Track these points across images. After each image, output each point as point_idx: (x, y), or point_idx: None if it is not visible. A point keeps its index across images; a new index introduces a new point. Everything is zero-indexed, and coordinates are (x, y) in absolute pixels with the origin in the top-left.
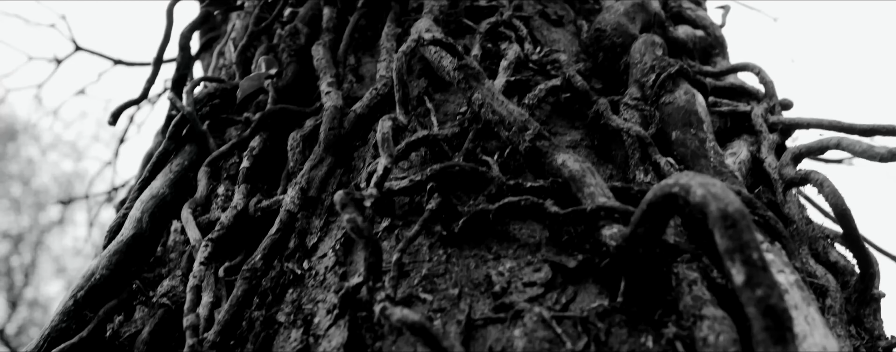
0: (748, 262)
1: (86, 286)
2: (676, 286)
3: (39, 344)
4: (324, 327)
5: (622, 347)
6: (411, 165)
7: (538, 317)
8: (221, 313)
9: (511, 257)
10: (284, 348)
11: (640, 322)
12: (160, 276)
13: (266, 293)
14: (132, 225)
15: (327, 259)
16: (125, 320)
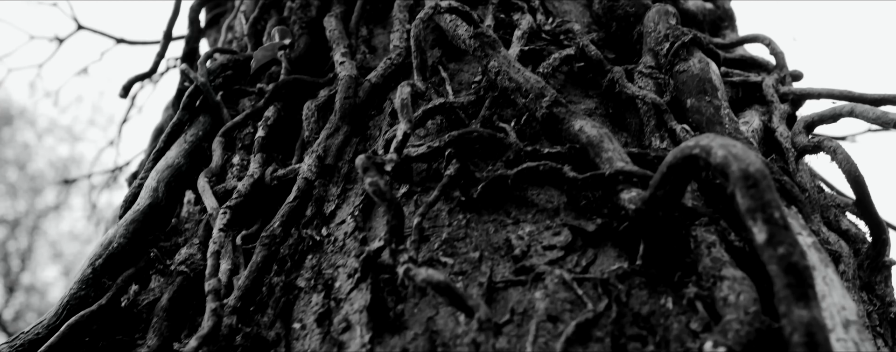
0: (770, 220)
1: (104, 255)
2: (695, 249)
3: (58, 312)
4: (345, 291)
5: (643, 308)
6: (428, 133)
7: (559, 279)
8: (241, 279)
9: (530, 222)
10: (305, 313)
11: (659, 284)
12: (176, 245)
13: (285, 260)
14: (148, 195)
15: (346, 225)
16: (141, 289)
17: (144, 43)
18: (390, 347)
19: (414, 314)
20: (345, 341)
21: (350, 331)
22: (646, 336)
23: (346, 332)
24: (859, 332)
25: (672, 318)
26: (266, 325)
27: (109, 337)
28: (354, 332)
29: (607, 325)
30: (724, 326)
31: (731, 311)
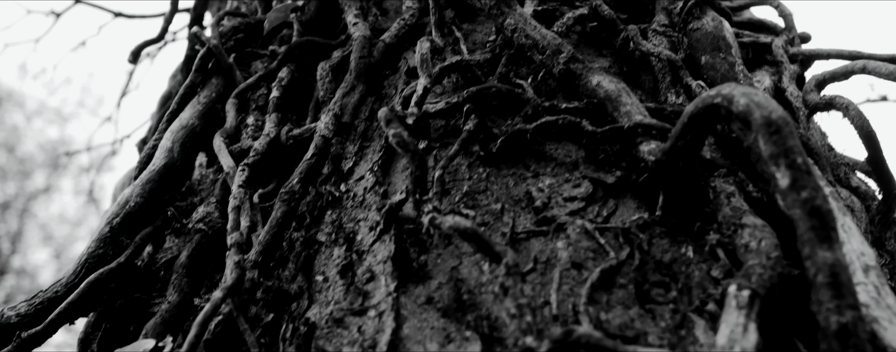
0: (793, 166)
1: (121, 213)
2: (714, 199)
3: (77, 270)
4: (367, 243)
5: (664, 256)
6: (444, 91)
7: (581, 229)
8: (262, 235)
9: (549, 175)
10: (327, 266)
11: (679, 234)
12: (192, 205)
13: (303, 216)
14: (163, 155)
15: (365, 181)
16: (155, 250)
17: (143, 16)
18: (415, 296)
19: (437, 264)
20: (369, 290)
21: (374, 281)
22: (668, 283)
23: (370, 282)
24: (878, 277)
25: (693, 266)
26: (287, 279)
27: (127, 295)
28: (379, 282)
29: (630, 272)
30: (747, 270)
31: (753, 256)
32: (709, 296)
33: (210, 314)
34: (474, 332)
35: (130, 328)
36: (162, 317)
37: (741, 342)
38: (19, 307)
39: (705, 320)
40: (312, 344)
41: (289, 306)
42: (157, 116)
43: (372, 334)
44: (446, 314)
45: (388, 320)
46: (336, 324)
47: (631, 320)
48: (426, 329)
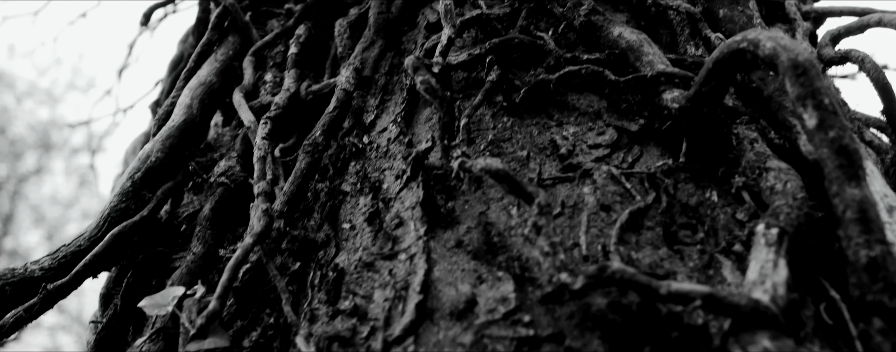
0: (820, 106)
1: (142, 168)
2: (737, 145)
3: (99, 224)
4: (394, 191)
5: (690, 199)
6: (464, 45)
7: (607, 174)
8: (286, 185)
9: (573, 124)
10: (353, 214)
11: (703, 179)
12: (212, 160)
13: (326, 168)
14: (182, 111)
15: (388, 132)
16: (176, 205)
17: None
18: (444, 240)
19: (465, 210)
20: (399, 235)
21: (403, 226)
22: (695, 225)
23: (399, 227)
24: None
25: (718, 209)
26: (313, 228)
27: (149, 249)
28: (408, 227)
29: (657, 215)
30: (775, 210)
31: (780, 197)
32: (735, 237)
33: (241, 260)
34: (506, 272)
35: (152, 283)
36: (188, 267)
37: (772, 277)
38: (42, 261)
39: (732, 261)
40: (342, 288)
41: (315, 255)
42: (169, 80)
43: (404, 276)
44: (477, 257)
45: (419, 261)
46: (366, 268)
47: (660, 259)
48: (457, 271)
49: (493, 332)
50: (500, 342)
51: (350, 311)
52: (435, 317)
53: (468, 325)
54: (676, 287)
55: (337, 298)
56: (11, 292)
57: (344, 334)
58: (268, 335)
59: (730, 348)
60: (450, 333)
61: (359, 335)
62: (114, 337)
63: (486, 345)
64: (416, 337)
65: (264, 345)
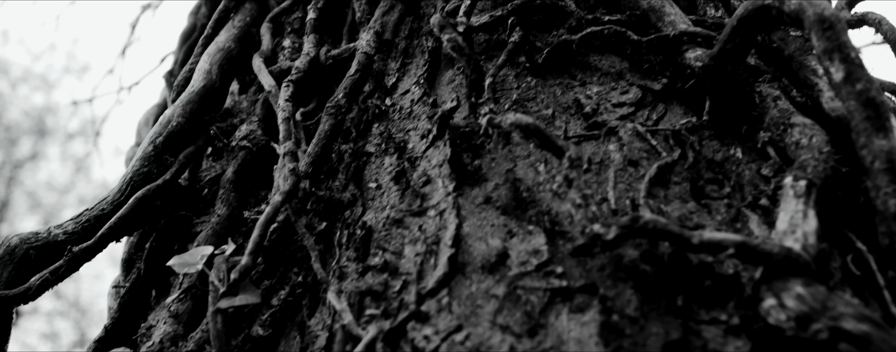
0: (847, 60)
1: (163, 133)
2: (761, 102)
3: (122, 188)
4: (420, 151)
5: (715, 155)
6: (483, 9)
7: (632, 131)
8: (310, 147)
9: (596, 83)
10: (379, 174)
11: (727, 136)
12: (233, 126)
13: (349, 131)
14: (202, 77)
15: (411, 94)
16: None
17: None
18: (472, 197)
19: (492, 168)
20: (427, 192)
21: (431, 184)
22: (721, 180)
23: (426, 185)
24: None
25: (743, 165)
26: (338, 189)
27: (172, 213)
28: (436, 184)
29: (683, 171)
30: (801, 163)
31: (805, 151)
32: (761, 192)
33: (271, 217)
34: (537, 226)
35: (175, 247)
36: (213, 229)
37: (802, 227)
38: (66, 226)
39: (758, 215)
40: (371, 246)
41: (342, 214)
42: (182, 50)
43: (434, 231)
44: (506, 212)
45: (450, 217)
46: (395, 225)
47: (689, 212)
48: (487, 226)
49: (527, 283)
50: (533, 293)
51: (380, 266)
52: (466, 270)
53: (501, 277)
54: (709, 236)
55: (366, 255)
56: (36, 255)
57: (376, 288)
58: (296, 294)
59: (762, 296)
60: (482, 285)
61: (391, 289)
62: (137, 301)
63: (520, 296)
64: (449, 289)
65: (293, 303)
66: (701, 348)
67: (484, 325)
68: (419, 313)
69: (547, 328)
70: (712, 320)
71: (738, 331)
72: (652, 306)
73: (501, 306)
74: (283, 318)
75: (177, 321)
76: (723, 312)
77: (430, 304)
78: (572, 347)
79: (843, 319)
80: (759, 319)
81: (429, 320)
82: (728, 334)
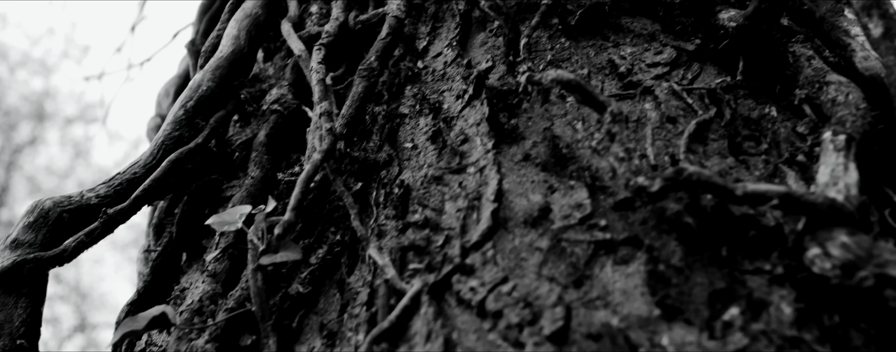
0: (885, 15)
1: (194, 97)
2: (794, 62)
3: (154, 152)
4: (455, 111)
5: (751, 113)
6: None
7: (668, 90)
8: (344, 109)
9: (629, 44)
10: (414, 134)
11: (761, 95)
12: (262, 91)
13: (381, 94)
14: (230, 42)
15: (443, 57)
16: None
17: None
18: (511, 155)
19: (529, 126)
20: (465, 150)
21: (469, 142)
22: (758, 137)
23: (464, 144)
24: None
25: (778, 123)
26: (373, 149)
27: (203, 177)
28: (474, 142)
29: (720, 128)
30: (839, 119)
31: (842, 108)
32: (797, 149)
33: (311, 174)
34: (578, 181)
35: (205, 211)
36: (247, 190)
37: (844, 179)
38: (98, 189)
39: (795, 171)
40: (410, 204)
41: (377, 174)
42: (204, 20)
43: (475, 187)
44: (545, 169)
45: (491, 173)
46: (434, 182)
47: (728, 168)
48: (527, 183)
49: (570, 236)
50: (577, 246)
51: (421, 223)
52: (509, 225)
53: (544, 231)
54: (753, 188)
55: (405, 212)
56: (69, 218)
57: (418, 243)
58: (335, 252)
59: (806, 246)
60: (525, 239)
61: (433, 244)
62: (169, 264)
63: (565, 248)
64: (493, 243)
65: (331, 261)
66: (746, 296)
67: (530, 276)
68: (464, 266)
69: (592, 280)
70: (756, 270)
71: (783, 280)
72: (696, 257)
73: (546, 259)
74: (321, 276)
75: (215, 280)
76: (766, 262)
77: (474, 257)
78: (618, 297)
79: (888, 266)
80: (802, 268)
81: (474, 272)
82: (772, 283)
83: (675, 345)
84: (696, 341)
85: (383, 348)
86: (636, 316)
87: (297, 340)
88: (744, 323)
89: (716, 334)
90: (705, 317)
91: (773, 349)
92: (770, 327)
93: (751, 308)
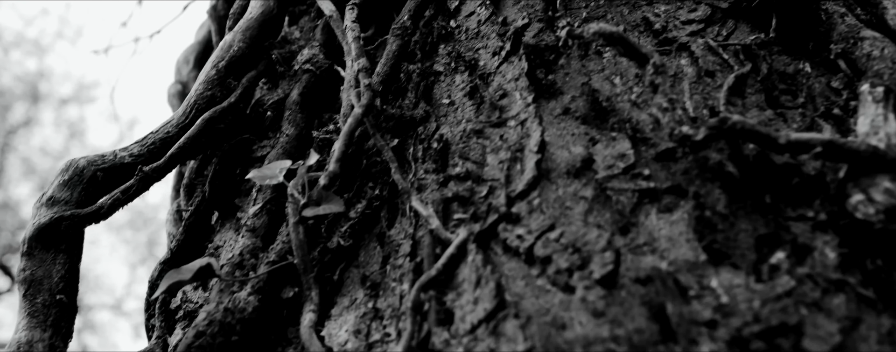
0: None
1: (225, 57)
2: (827, 19)
3: (187, 111)
4: (492, 67)
5: (787, 68)
6: None
7: (704, 46)
8: (379, 67)
9: (664, 2)
10: (451, 91)
11: (794, 52)
12: (291, 52)
13: (414, 52)
14: (259, 4)
15: (477, 15)
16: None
17: None
18: (550, 109)
19: (566, 82)
20: (505, 105)
21: (508, 97)
22: (795, 90)
23: (503, 98)
24: None
25: (813, 79)
26: (408, 107)
27: (235, 137)
28: (513, 97)
29: (756, 83)
30: (876, 72)
31: (878, 62)
32: (833, 103)
33: (354, 127)
34: (620, 133)
35: (237, 171)
36: (282, 147)
37: (884, 128)
38: (131, 148)
39: (831, 125)
40: (449, 157)
41: (414, 131)
42: None
43: (516, 139)
44: (585, 122)
45: (532, 125)
46: (474, 136)
47: (767, 120)
48: (567, 135)
49: (615, 185)
50: (622, 194)
51: (463, 175)
52: (551, 176)
53: (587, 180)
54: (796, 136)
55: (444, 166)
56: (103, 177)
57: (462, 194)
58: (374, 206)
59: (849, 193)
60: (569, 189)
61: (477, 195)
62: (200, 224)
63: (610, 196)
64: (538, 191)
65: (371, 215)
66: (791, 241)
67: (576, 224)
68: (510, 215)
69: (638, 227)
70: (799, 217)
71: (826, 226)
72: (739, 205)
73: (591, 207)
74: (361, 230)
75: (254, 235)
76: (809, 209)
77: (520, 206)
78: (664, 244)
79: None
80: (845, 215)
81: (520, 220)
82: (816, 229)
83: (723, 287)
84: (744, 283)
85: (431, 296)
86: (684, 260)
87: (338, 292)
88: (790, 267)
89: (763, 277)
90: (752, 261)
91: (819, 292)
92: (815, 270)
93: (795, 253)
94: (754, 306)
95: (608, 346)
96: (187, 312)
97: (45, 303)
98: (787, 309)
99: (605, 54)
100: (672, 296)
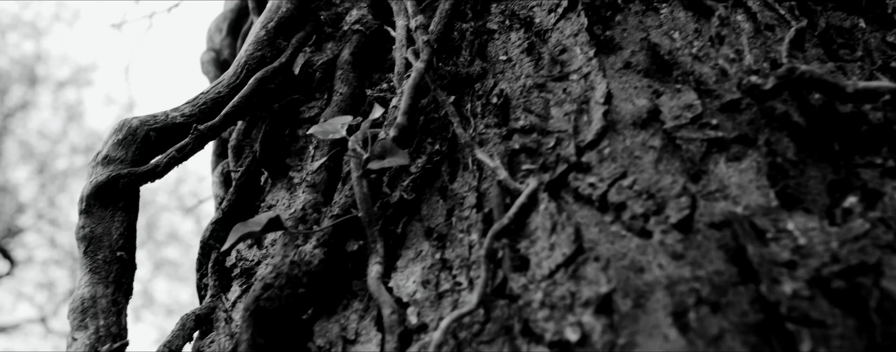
0: None
1: (274, 18)
2: None
3: (237, 71)
4: (549, 24)
5: (842, 23)
6: None
7: (760, 1)
8: (433, 25)
9: None
10: (506, 48)
11: (849, 7)
12: (338, 14)
13: (465, 12)
14: None
15: None
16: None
17: None
18: (610, 63)
19: (624, 37)
20: (565, 60)
21: (567, 52)
22: (852, 44)
23: (563, 54)
24: None
25: (868, 34)
26: (463, 64)
27: (284, 98)
28: (573, 52)
29: (813, 37)
30: None
31: None
32: (889, 57)
33: (418, 81)
34: (685, 85)
35: (285, 132)
36: (337, 105)
37: None
38: (182, 109)
39: (889, 78)
40: (511, 111)
41: (471, 87)
42: None
43: (580, 92)
44: (647, 75)
45: (597, 77)
46: (536, 90)
47: (830, 72)
48: (630, 88)
49: (683, 134)
50: (691, 143)
51: (527, 128)
52: (617, 127)
53: (655, 131)
54: (864, 85)
55: (506, 120)
56: (156, 137)
57: (530, 145)
58: (434, 161)
59: None
60: (637, 139)
61: (544, 146)
62: (250, 184)
63: (679, 145)
64: (608, 141)
65: (432, 170)
66: (861, 187)
67: (648, 171)
68: (580, 164)
69: (708, 175)
70: (868, 164)
71: (894, 172)
72: (808, 152)
73: (661, 156)
74: (422, 184)
75: (315, 190)
76: (877, 156)
77: (590, 155)
78: (735, 190)
79: None
80: None
81: (591, 169)
82: (884, 175)
83: (799, 230)
84: (819, 226)
85: (504, 243)
86: (757, 205)
87: (402, 245)
88: (862, 210)
89: (837, 220)
90: (824, 205)
91: (892, 235)
92: (887, 214)
93: (866, 198)
94: (832, 247)
95: (692, 285)
96: (244, 269)
97: (105, 259)
98: (866, 249)
99: (662, 10)
100: (750, 238)
